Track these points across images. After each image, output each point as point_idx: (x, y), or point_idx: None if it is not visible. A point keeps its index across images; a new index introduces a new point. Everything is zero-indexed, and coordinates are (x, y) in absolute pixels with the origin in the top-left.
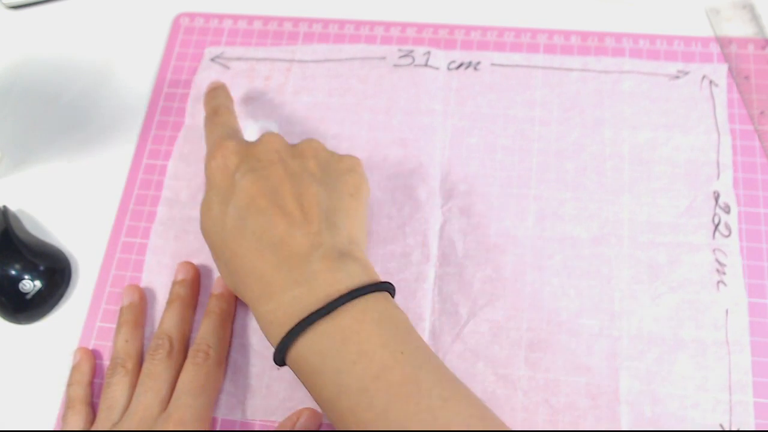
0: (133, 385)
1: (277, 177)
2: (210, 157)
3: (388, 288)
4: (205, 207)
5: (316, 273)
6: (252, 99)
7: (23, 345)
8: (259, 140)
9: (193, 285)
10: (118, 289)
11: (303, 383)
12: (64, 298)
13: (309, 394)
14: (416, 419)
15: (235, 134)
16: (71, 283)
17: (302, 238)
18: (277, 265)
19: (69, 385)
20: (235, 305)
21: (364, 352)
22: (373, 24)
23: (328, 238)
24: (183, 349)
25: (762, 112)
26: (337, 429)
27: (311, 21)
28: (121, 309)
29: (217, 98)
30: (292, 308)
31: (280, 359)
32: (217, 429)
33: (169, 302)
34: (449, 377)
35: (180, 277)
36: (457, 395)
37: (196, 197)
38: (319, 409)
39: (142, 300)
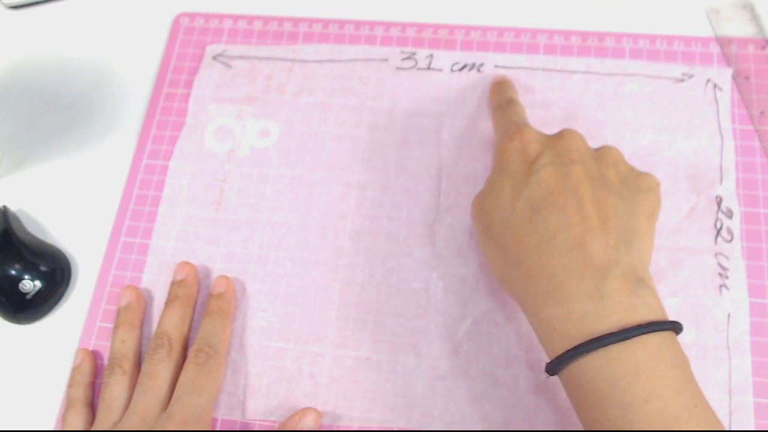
0: (132, 385)
1: (577, 177)
2: (507, 139)
3: (678, 327)
4: (494, 188)
5: (613, 293)
6: (253, 98)
7: (23, 345)
8: (560, 135)
9: (192, 285)
10: (118, 289)
11: (572, 398)
12: (64, 298)
13: (308, 395)
14: None
15: (529, 124)
16: (71, 283)
17: (599, 249)
18: (570, 271)
19: (69, 386)
20: (234, 305)
21: (657, 394)
22: (373, 24)
23: (625, 256)
24: (182, 348)
25: (762, 112)
26: None
27: (311, 21)
28: (119, 310)
29: (508, 90)
30: (582, 322)
31: (554, 369)
32: (217, 429)
33: (168, 302)
34: None
35: (179, 277)
36: None
37: (196, 197)
38: (321, 410)
39: (140, 301)
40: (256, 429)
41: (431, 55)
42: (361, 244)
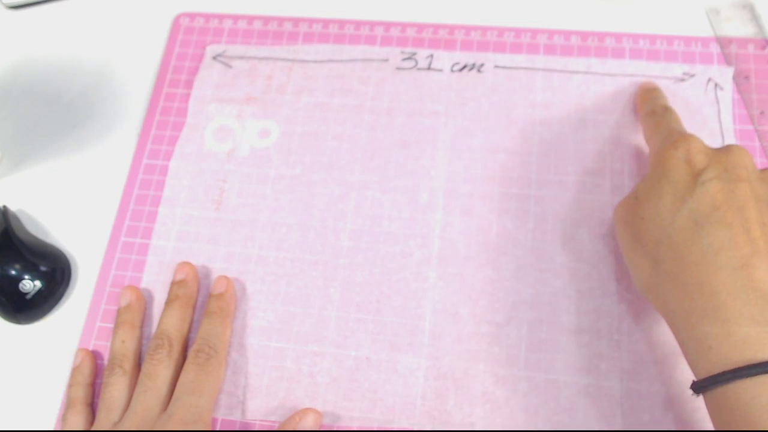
0: (132, 385)
1: (744, 196)
2: (672, 146)
3: None
4: (653, 194)
5: None
6: (253, 98)
7: (23, 345)
8: (728, 150)
9: (192, 285)
10: (118, 289)
11: (718, 420)
12: (64, 298)
13: (308, 395)
14: None
15: (693, 134)
16: (71, 283)
17: (765, 273)
18: (734, 292)
19: (70, 386)
20: (234, 305)
21: None
22: (373, 24)
23: None
24: (182, 349)
25: (762, 112)
26: None
27: (311, 21)
28: (119, 310)
29: (661, 98)
30: (744, 345)
31: (703, 388)
32: (218, 429)
33: (168, 302)
34: None
35: (179, 277)
36: None
37: (196, 197)
38: (321, 410)
39: (140, 301)
40: (256, 429)
41: (431, 56)
42: (361, 244)
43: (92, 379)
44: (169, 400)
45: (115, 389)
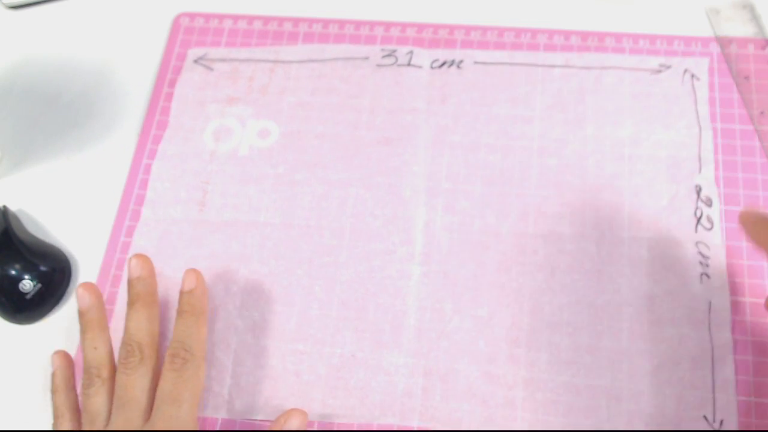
0: (112, 391)
1: None
2: None
3: None
4: None
5: None
6: (235, 99)
7: (23, 345)
8: None
9: (151, 279)
10: (118, 289)
11: None
12: (64, 298)
13: (294, 393)
14: None
15: None
16: (71, 283)
17: None
18: None
19: (53, 392)
20: (207, 300)
21: None
22: (373, 24)
23: None
24: (154, 352)
25: (762, 112)
26: None
27: (311, 21)
28: (80, 312)
29: None
30: None
31: None
32: (218, 429)
33: (130, 304)
34: None
35: (135, 273)
36: None
37: (179, 198)
38: (308, 408)
39: (100, 299)
40: (248, 429)
41: (411, 52)
42: (344, 242)
43: (73, 381)
44: (151, 407)
45: (97, 400)
